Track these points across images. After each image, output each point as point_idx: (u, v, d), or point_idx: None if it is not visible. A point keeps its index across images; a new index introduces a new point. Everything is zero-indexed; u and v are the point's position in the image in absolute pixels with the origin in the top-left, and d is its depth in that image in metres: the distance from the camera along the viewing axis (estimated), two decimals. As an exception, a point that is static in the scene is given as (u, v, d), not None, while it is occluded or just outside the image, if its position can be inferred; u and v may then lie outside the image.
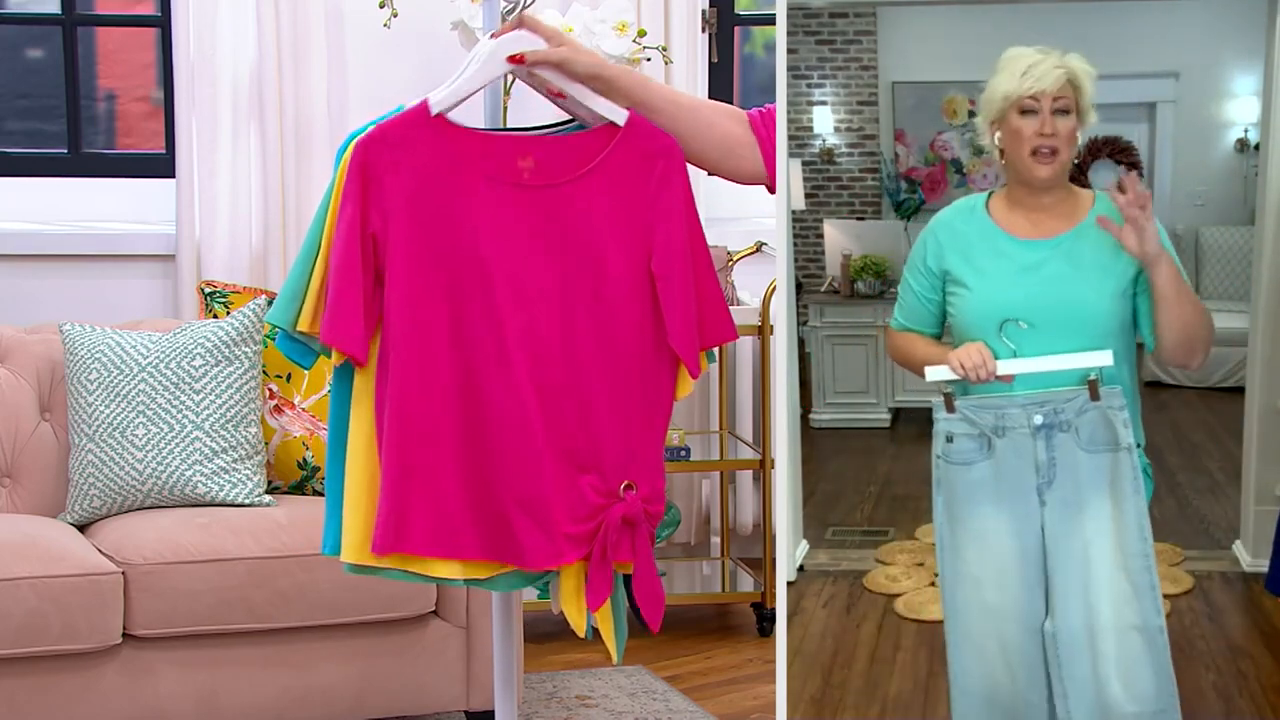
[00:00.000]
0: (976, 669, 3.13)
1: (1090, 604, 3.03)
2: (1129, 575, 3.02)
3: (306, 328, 2.89)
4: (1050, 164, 3.04)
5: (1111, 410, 3.00)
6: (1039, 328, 3.03)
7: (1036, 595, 3.07)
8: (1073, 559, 3.04)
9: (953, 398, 3.05)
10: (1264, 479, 3.62)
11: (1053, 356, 3.01)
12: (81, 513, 4.14)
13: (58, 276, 4.92)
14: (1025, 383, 3.04)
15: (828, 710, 3.38)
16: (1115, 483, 3.02)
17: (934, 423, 3.08)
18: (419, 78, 4.75)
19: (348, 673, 4.03)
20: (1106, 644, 3.04)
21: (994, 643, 3.10)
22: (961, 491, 3.09)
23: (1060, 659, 3.05)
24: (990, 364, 3.01)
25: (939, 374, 3.05)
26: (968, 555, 3.11)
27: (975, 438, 3.06)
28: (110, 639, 3.85)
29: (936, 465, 3.10)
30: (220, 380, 4.17)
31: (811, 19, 3.76)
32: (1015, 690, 3.10)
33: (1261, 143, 3.50)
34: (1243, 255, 3.74)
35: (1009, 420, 3.04)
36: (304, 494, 4.34)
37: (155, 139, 5.33)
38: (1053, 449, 3.03)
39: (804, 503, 3.68)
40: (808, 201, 3.91)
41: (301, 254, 2.91)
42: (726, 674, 4.78)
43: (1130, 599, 3.02)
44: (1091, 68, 3.06)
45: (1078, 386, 3.01)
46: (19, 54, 5.49)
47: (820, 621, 3.53)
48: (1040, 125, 3.03)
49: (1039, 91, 3.02)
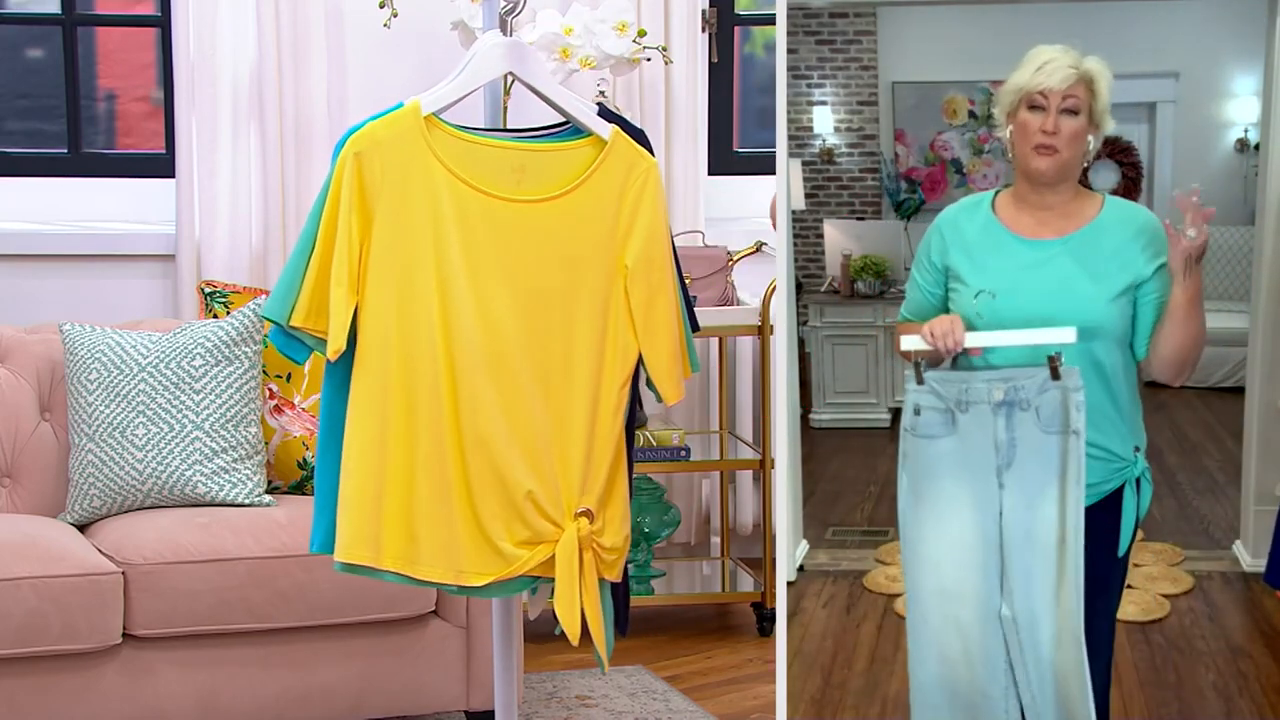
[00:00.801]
0: (934, 657, 3.10)
1: (1045, 589, 3.02)
2: (1064, 571, 3.01)
3: (301, 323, 2.90)
4: (1049, 158, 3.04)
5: (1069, 391, 2.98)
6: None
7: (993, 579, 3.05)
8: (1029, 542, 3.02)
9: (922, 369, 3.04)
10: (1264, 479, 3.62)
11: (1017, 331, 3.00)
12: (81, 513, 4.14)
13: (58, 276, 4.91)
14: (999, 358, 3.03)
15: (828, 710, 3.38)
16: (1064, 468, 3.00)
17: (905, 394, 3.07)
18: (419, 78, 4.73)
19: (348, 673, 4.03)
20: (1058, 629, 3.02)
21: (952, 629, 3.08)
22: (925, 466, 3.07)
23: (1021, 643, 3.03)
24: (958, 333, 3.00)
25: (912, 343, 3.04)
26: (927, 535, 3.08)
27: (941, 411, 3.05)
28: (110, 639, 3.84)
29: (904, 438, 3.08)
30: (220, 380, 4.17)
31: (811, 19, 3.76)
32: (973, 682, 3.08)
33: (1261, 143, 3.51)
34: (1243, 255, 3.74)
35: (972, 394, 3.02)
36: (304, 494, 4.34)
37: (155, 139, 5.33)
38: (1013, 428, 3.01)
39: (804, 503, 3.68)
40: (808, 201, 3.91)
41: (297, 249, 2.92)
42: (726, 674, 4.78)
43: (1067, 591, 3.01)
44: (1108, 71, 3.06)
45: (1041, 365, 2.99)
46: (19, 54, 5.49)
47: (820, 621, 3.54)
48: (1044, 122, 3.03)
49: (1046, 88, 3.02)
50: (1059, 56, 3.05)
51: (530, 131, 3.06)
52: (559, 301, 2.95)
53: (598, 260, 2.96)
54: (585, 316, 2.96)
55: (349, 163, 2.87)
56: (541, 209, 2.94)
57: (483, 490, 2.93)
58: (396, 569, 2.94)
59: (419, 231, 2.89)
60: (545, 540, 2.97)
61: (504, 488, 2.93)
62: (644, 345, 2.99)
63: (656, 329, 3.00)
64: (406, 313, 2.90)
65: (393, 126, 2.90)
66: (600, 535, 2.99)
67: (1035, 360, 3.00)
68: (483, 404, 2.92)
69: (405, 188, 2.89)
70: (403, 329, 2.90)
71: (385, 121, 2.90)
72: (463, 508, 2.94)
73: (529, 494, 2.93)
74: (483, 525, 2.94)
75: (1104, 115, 3.08)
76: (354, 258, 2.88)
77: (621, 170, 2.97)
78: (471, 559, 2.95)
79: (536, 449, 2.95)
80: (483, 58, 2.99)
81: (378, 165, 2.87)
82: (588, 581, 2.98)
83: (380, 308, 2.89)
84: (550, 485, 2.95)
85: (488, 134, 2.99)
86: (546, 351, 2.95)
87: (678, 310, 3.05)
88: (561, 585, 2.97)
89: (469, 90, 2.99)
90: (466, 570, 2.95)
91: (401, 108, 2.92)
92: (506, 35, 3.02)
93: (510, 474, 2.93)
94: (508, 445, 2.93)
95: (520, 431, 2.94)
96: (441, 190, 2.89)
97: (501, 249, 2.92)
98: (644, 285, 2.98)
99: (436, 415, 2.91)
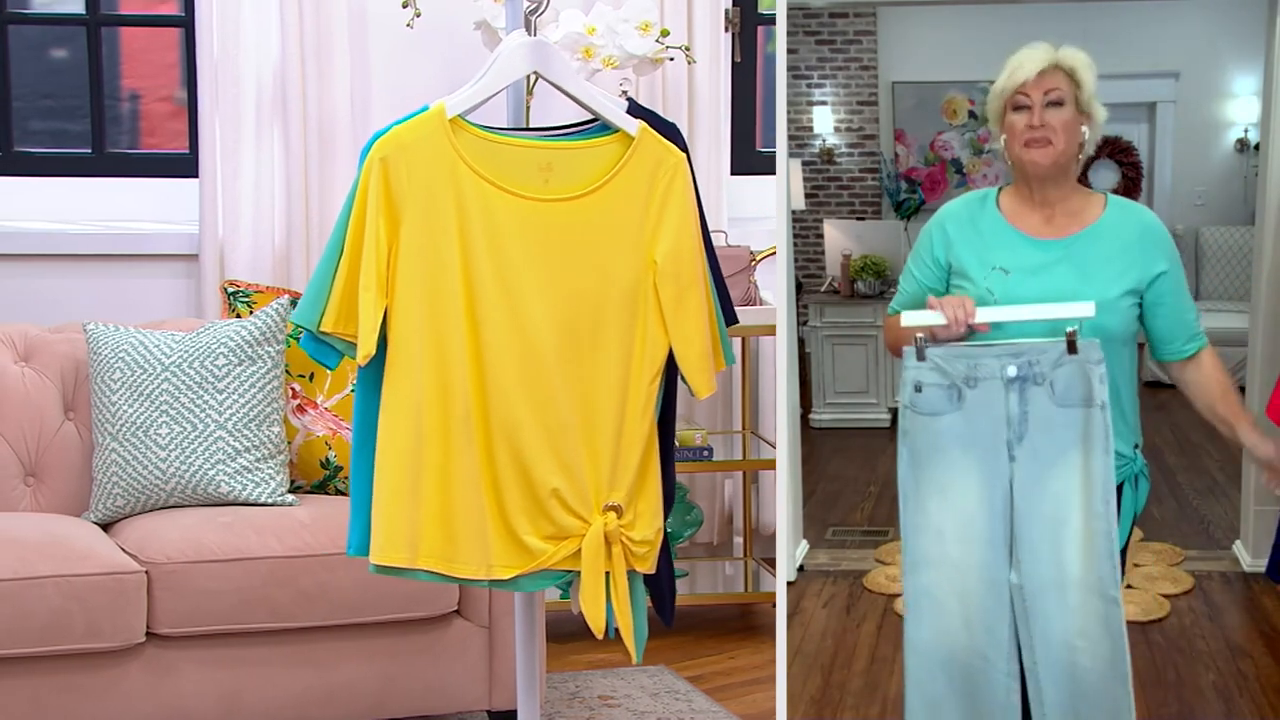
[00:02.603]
0: (933, 626, 3.07)
1: (1060, 560, 3.00)
2: (1092, 538, 2.99)
3: (331, 328, 2.90)
4: (1043, 150, 3.02)
5: (1089, 365, 2.96)
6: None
7: (1000, 549, 3.03)
8: (1043, 515, 3.01)
9: (924, 344, 3.01)
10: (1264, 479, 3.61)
11: (1031, 305, 2.98)
12: (105, 512, 4.15)
13: (81, 276, 4.93)
14: (1005, 334, 3.02)
15: (828, 710, 3.37)
16: (1087, 439, 2.98)
17: (903, 370, 3.04)
18: (442, 78, 4.75)
19: (370, 672, 4.04)
20: (1073, 598, 3.00)
21: (953, 597, 3.06)
22: (927, 442, 3.05)
23: (1028, 611, 3.02)
24: (969, 307, 2.98)
25: (917, 318, 3.01)
26: (929, 506, 3.06)
27: (945, 388, 3.02)
28: (134, 638, 3.85)
29: (903, 415, 3.05)
30: (243, 380, 4.18)
31: (811, 19, 3.75)
32: (971, 645, 3.06)
33: (1261, 143, 3.50)
34: (1243, 255, 3.73)
35: (982, 370, 3.00)
36: (326, 493, 4.34)
37: (179, 139, 5.34)
38: (1025, 403, 2.99)
39: (804, 503, 3.67)
40: (808, 201, 3.90)
41: (325, 254, 2.93)
42: (749, 674, 4.77)
43: (1093, 561, 3.00)
44: (1087, 58, 3.04)
45: (1056, 339, 2.97)
46: (43, 54, 5.51)
47: (820, 621, 3.53)
48: (1030, 118, 3.02)
49: (1024, 83, 3.01)
50: (1033, 53, 3.04)
51: (555, 130, 3.05)
52: (588, 299, 2.95)
53: (626, 257, 2.96)
54: (614, 313, 2.96)
55: (375, 167, 2.87)
56: (569, 207, 2.94)
57: (508, 485, 2.94)
58: (433, 568, 2.95)
59: (446, 234, 2.89)
60: (571, 535, 2.97)
61: (529, 484, 2.95)
62: (674, 340, 2.98)
63: (687, 324, 2.99)
64: (436, 315, 2.90)
65: (418, 130, 2.90)
66: (630, 529, 2.99)
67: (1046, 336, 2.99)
68: (510, 402, 2.93)
69: (432, 191, 2.89)
70: (432, 331, 2.90)
71: (410, 125, 2.90)
72: (490, 502, 2.95)
73: (554, 491, 2.94)
74: (508, 519, 2.95)
75: (1092, 102, 3.06)
76: (382, 262, 2.88)
77: (649, 165, 2.97)
78: (499, 553, 2.96)
79: (564, 446, 2.95)
80: (507, 58, 2.99)
81: (404, 169, 2.88)
82: (616, 575, 2.98)
83: (410, 311, 2.89)
84: (577, 482, 2.96)
85: (513, 134, 2.99)
86: (576, 349, 2.96)
87: (710, 305, 3.04)
88: (586, 579, 2.97)
89: (494, 91, 2.99)
90: (495, 564, 2.96)
91: (427, 111, 2.92)
92: (530, 35, 3.02)
93: (535, 471, 2.94)
94: (535, 443, 2.94)
95: (547, 428, 2.94)
96: (468, 192, 2.90)
97: (529, 248, 2.92)
98: (673, 281, 2.98)
99: (466, 413, 2.92)
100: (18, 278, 4.87)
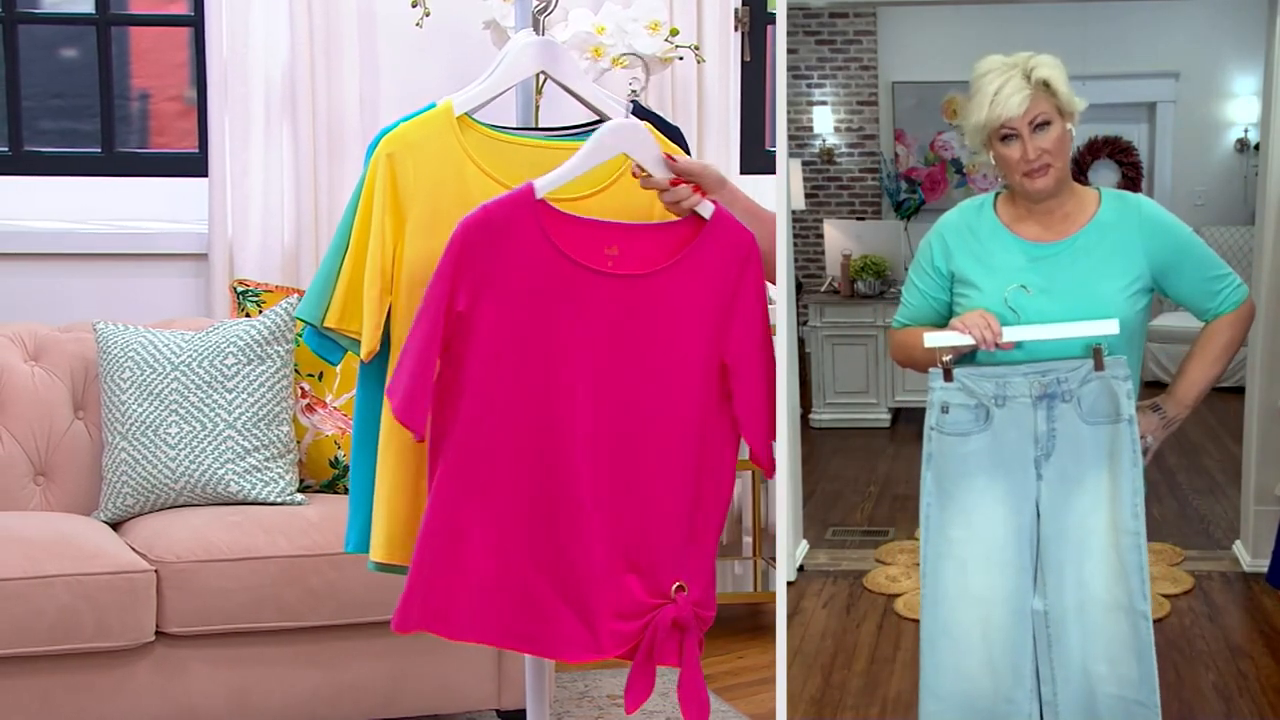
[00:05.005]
0: (952, 668, 3.05)
1: (1083, 580, 2.98)
2: (1119, 553, 2.98)
3: (334, 324, 2.89)
4: (1044, 176, 3.01)
5: (1116, 380, 2.96)
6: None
7: (1026, 576, 3.01)
8: (1068, 534, 2.99)
9: (950, 366, 3.00)
10: (1264, 479, 3.59)
11: (1058, 324, 2.97)
12: (114, 511, 4.16)
13: (91, 275, 4.93)
14: (1030, 352, 3.01)
15: (828, 710, 3.36)
16: (1114, 455, 2.98)
17: (929, 392, 3.03)
18: (451, 77, 4.75)
19: (379, 671, 4.04)
20: (1095, 621, 2.99)
21: (976, 632, 3.04)
22: (954, 465, 3.03)
23: (1050, 637, 3.00)
24: (995, 328, 2.97)
25: (941, 339, 2.99)
26: (953, 535, 3.03)
27: (973, 408, 3.01)
28: (143, 637, 3.86)
29: (929, 437, 3.03)
30: (252, 379, 4.18)
31: (811, 19, 3.73)
32: (996, 690, 3.04)
33: (1261, 143, 3.48)
34: (1243, 255, 3.71)
35: (1010, 389, 2.99)
36: (335, 493, 4.35)
37: (188, 138, 5.35)
38: (1053, 420, 2.99)
39: (804, 503, 3.67)
40: (808, 201, 3.88)
41: (331, 250, 2.92)
42: (758, 673, 4.77)
43: (1120, 578, 2.99)
44: (1051, 58, 3.01)
45: (1083, 357, 2.98)
46: (53, 54, 5.52)
47: (820, 621, 3.51)
48: (1023, 150, 2.99)
49: (1009, 119, 2.98)
50: (1007, 80, 2.98)
51: (564, 130, 3.05)
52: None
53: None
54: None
55: (382, 164, 2.86)
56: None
57: None
58: None
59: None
60: None
61: None
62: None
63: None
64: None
65: (425, 127, 2.89)
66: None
67: (1066, 353, 2.99)
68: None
69: (438, 188, 2.88)
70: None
71: (418, 122, 2.90)
72: None
73: None
74: None
75: (1071, 100, 3.03)
76: (388, 259, 2.87)
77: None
78: None
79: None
80: (515, 57, 2.98)
81: (410, 166, 2.86)
82: None
83: (413, 309, 2.88)
84: None
85: (521, 133, 2.98)
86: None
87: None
88: None
89: (502, 89, 2.98)
90: None
91: (434, 108, 2.91)
92: (539, 34, 3.02)
93: None
94: None
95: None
96: (474, 190, 2.88)
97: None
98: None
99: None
100: (27, 277, 4.88)
